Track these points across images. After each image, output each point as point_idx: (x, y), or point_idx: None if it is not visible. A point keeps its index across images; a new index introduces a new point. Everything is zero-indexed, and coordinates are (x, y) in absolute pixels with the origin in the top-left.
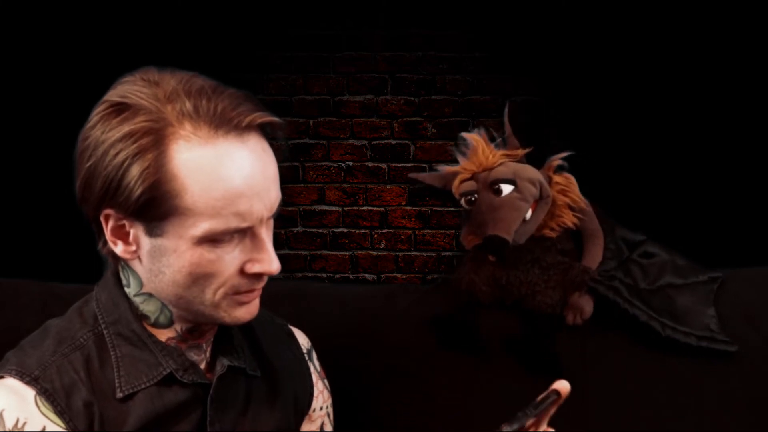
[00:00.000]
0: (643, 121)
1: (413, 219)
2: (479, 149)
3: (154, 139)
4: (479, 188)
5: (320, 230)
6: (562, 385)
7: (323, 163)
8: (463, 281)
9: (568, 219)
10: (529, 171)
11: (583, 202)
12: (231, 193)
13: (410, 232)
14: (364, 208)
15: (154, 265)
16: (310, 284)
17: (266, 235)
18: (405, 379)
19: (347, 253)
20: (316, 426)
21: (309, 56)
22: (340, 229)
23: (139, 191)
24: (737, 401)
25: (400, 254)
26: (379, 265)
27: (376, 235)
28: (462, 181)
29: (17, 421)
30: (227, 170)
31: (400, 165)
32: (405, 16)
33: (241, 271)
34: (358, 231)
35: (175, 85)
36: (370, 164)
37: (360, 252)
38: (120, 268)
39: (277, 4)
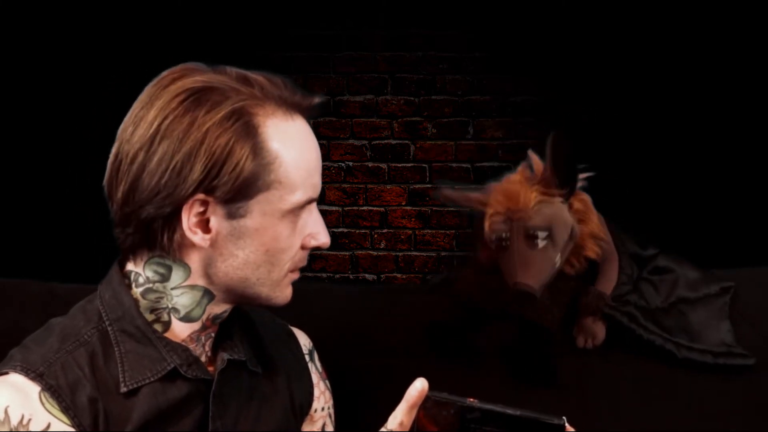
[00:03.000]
0: (643, 121)
1: (413, 219)
2: (521, 194)
3: (252, 117)
4: (513, 232)
5: None
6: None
7: (323, 163)
8: (465, 291)
9: (591, 251)
10: (563, 215)
11: (603, 229)
12: (311, 165)
13: (410, 232)
14: (364, 208)
15: (227, 248)
16: (310, 284)
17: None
18: (405, 379)
19: (347, 253)
20: (317, 427)
21: (309, 56)
22: (340, 229)
23: (248, 168)
24: (737, 400)
25: (400, 254)
26: (379, 265)
27: (376, 235)
28: (494, 219)
29: (22, 417)
30: (307, 144)
31: (400, 165)
32: (405, 16)
33: (302, 247)
34: (358, 231)
35: (234, 71)
36: (370, 164)
37: (360, 252)
38: (155, 265)
39: (277, 4)
